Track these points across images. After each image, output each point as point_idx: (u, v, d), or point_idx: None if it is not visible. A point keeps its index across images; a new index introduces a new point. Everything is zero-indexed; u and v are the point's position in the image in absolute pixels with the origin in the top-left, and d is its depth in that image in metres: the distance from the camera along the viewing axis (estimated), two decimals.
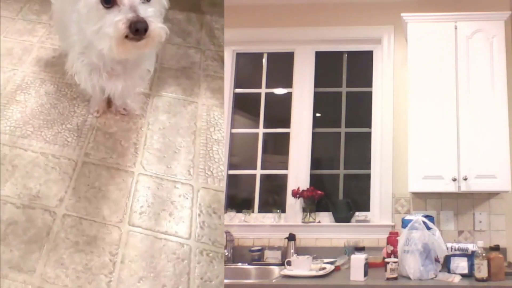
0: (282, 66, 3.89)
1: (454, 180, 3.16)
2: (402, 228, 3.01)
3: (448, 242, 3.00)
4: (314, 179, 3.67)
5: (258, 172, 3.77)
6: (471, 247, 2.91)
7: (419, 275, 2.84)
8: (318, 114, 3.78)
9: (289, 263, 3.04)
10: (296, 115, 3.76)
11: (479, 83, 3.24)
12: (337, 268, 3.11)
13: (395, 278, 2.81)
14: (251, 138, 3.84)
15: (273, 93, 3.91)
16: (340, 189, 3.68)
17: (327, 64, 3.85)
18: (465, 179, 3.16)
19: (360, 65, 3.81)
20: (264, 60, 3.94)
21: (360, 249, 2.95)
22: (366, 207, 3.60)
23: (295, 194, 3.57)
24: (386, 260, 2.86)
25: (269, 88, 3.91)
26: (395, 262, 2.83)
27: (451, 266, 2.93)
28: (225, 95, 3.75)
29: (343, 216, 3.54)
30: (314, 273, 2.91)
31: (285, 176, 3.71)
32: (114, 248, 2.63)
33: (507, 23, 3.33)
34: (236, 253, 3.50)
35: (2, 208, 2.73)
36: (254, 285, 3.00)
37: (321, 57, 3.83)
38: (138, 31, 2.31)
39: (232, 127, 3.83)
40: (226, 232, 3.39)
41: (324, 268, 2.98)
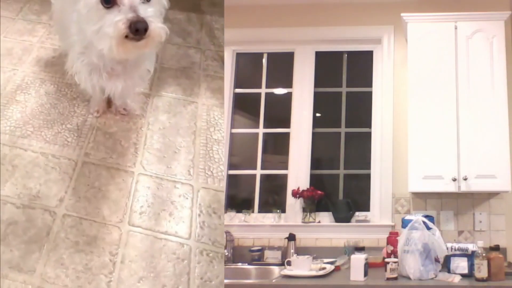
0: (282, 66, 3.88)
1: (454, 180, 3.16)
2: (402, 228, 3.01)
3: (448, 242, 2.99)
4: (314, 179, 3.66)
5: (258, 172, 3.77)
6: (471, 247, 2.90)
7: (419, 275, 2.83)
8: (318, 114, 3.77)
9: (289, 263, 3.03)
10: (296, 115, 3.76)
11: (479, 83, 3.24)
12: (337, 268, 3.11)
13: (395, 278, 2.80)
14: (251, 138, 3.84)
15: (273, 93, 3.91)
16: (340, 189, 3.67)
17: (327, 64, 3.84)
18: (465, 179, 3.15)
19: (360, 65, 3.81)
20: (264, 60, 3.93)
21: (360, 249, 2.95)
22: (366, 207, 3.60)
23: (295, 194, 3.57)
24: (386, 260, 2.85)
25: (269, 88, 3.90)
26: (395, 262, 2.83)
27: (451, 266, 2.92)
28: (225, 95, 3.75)
29: (343, 216, 3.53)
30: (314, 273, 2.91)
31: (285, 176, 3.70)
32: (114, 248, 2.63)
33: (507, 23, 3.33)
34: (236, 253, 3.50)
35: (2, 208, 2.73)
36: (254, 285, 3.00)
37: (321, 57, 3.83)
38: (138, 31, 2.31)
39: (232, 127, 3.82)
40: (226, 232, 3.39)
41: (324, 268, 2.98)
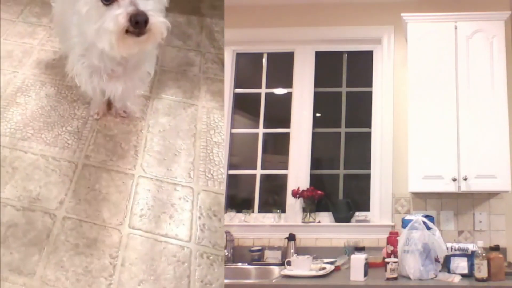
0: (282, 66, 3.88)
1: (454, 180, 3.16)
2: (402, 228, 3.01)
3: (448, 242, 2.99)
4: (314, 179, 3.66)
5: (258, 172, 3.77)
6: (471, 247, 2.91)
7: (419, 275, 2.84)
8: (318, 114, 3.77)
9: (289, 263, 3.04)
10: (296, 115, 3.75)
11: (479, 83, 3.23)
12: (337, 268, 3.11)
13: (395, 278, 2.81)
14: (251, 138, 3.84)
15: (273, 93, 3.90)
16: (340, 189, 3.67)
17: (327, 64, 3.84)
18: (465, 179, 3.15)
19: (360, 65, 3.80)
20: (264, 60, 3.93)
21: (360, 249, 2.95)
22: (366, 207, 3.60)
23: (295, 194, 3.57)
24: (386, 260, 2.86)
25: (269, 88, 3.90)
26: (395, 262, 2.83)
27: (451, 266, 2.93)
28: (225, 95, 3.76)
29: (343, 216, 3.53)
30: (314, 273, 2.91)
31: (285, 176, 3.70)
32: (114, 251, 2.63)
33: (507, 23, 3.33)
34: (236, 253, 3.50)
35: (2, 211, 2.74)
36: (254, 285, 3.01)
37: (321, 57, 3.82)
38: (139, 24, 2.30)
39: (232, 127, 3.82)
40: (226, 232, 3.39)
41: (324, 268, 2.98)
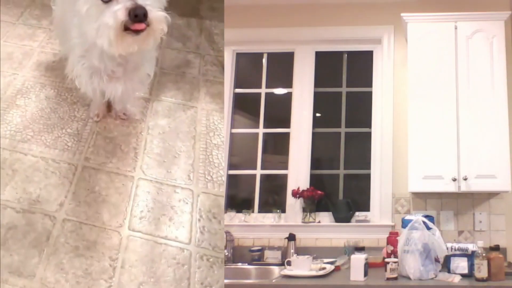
0: (282, 66, 3.88)
1: (454, 180, 3.16)
2: (402, 228, 3.01)
3: (448, 242, 2.99)
4: (314, 179, 3.66)
5: (258, 172, 3.77)
6: (471, 247, 2.91)
7: (419, 275, 2.84)
8: (318, 114, 3.77)
9: (289, 263, 3.04)
10: (296, 115, 3.75)
11: (479, 83, 3.23)
12: (337, 268, 3.11)
13: (395, 278, 2.81)
14: (251, 138, 3.84)
15: (273, 93, 3.90)
16: (340, 189, 3.67)
17: (327, 64, 3.83)
18: (465, 179, 3.15)
19: (360, 65, 3.80)
20: (264, 60, 3.93)
21: (360, 249, 2.95)
22: (366, 207, 3.60)
23: (295, 194, 3.57)
24: (386, 260, 2.86)
25: (269, 88, 3.90)
26: (395, 262, 2.84)
27: (451, 266, 2.93)
28: (225, 95, 3.76)
29: (343, 216, 3.53)
30: (314, 273, 2.91)
31: (285, 176, 3.70)
32: (114, 253, 2.64)
33: (507, 23, 3.32)
34: (236, 253, 3.51)
35: (2, 213, 2.74)
36: (254, 285, 3.01)
37: (321, 57, 3.82)
38: (138, 17, 2.31)
39: (232, 127, 3.82)
40: (226, 232, 3.40)
41: (324, 268, 2.98)
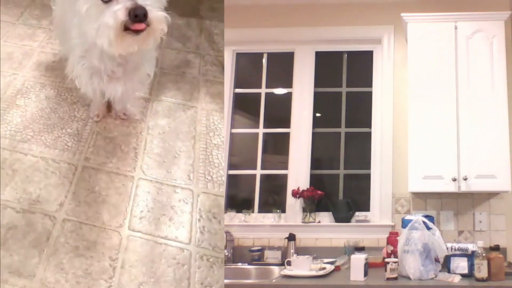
0: (282, 66, 3.87)
1: (454, 180, 3.16)
2: (402, 228, 3.01)
3: (448, 242, 2.99)
4: (314, 179, 3.66)
5: (258, 172, 3.76)
6: (471, 247, 2.91)
7: (419, 275, 2.84)
8: (318, 114, 3.77)
9: (289, 263, 3.04)
10: (296, 115, 3.75)
11: (479, 83, 3.23)
12: (337, 268, 3.11)
13: (395, 278, 2.81)
14: (251, 138, 3.83)
15: (273, 93, 3.90)
16: (340, 189, 3.67)
17: (327, 64, 3.83)
18: (465, 179, 3.15)
19: (360, 65, 3.79)
20: (264, 60, 3.92)
21: (360, 249, 2.95)
22: (366, 207, 3.59)
23: (295, 194, 3.57)
24: (386, 260, 2.86)
25: (269, 88, 3.89)
26: (395, 262, 2.84)
27: (451, 266, 2.93)
28: (225, 95, 3.76)
29: (343, 216, 3.53)
30: (314, 273, 2.91)
31: (285, 176, 3.70)
32: (114, 253, 2.64)
33: (507, 23, 3.32)
34: (236, 253, 3.50)
35: (2, 213, 2.74)
36: (254, 285, 3.01)
37: (321, 57, 3.81)
38: (138, 17, 2.31)
39: (232, 127, 3.82)
40: (226, 232, 3.39)
41: (324, 268, 2.98)
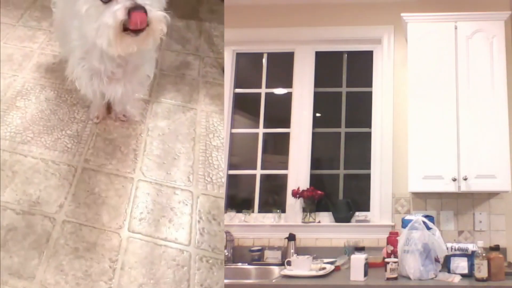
0: (282, 66, 3.87)
1: (454, 180, 3.15)
2: (402, 228, 3.01)
3: (448, 242, 2.99)
4: (314, 179, 3.65)
5: (258, 172, 3.76)
6: (471, 247, 2.90)
7: (419, 275, 2.84)
8: (318, 114, 3.76)
9: (289, 263, 3.04)
10: (296, 115, 3.75)
11: (479, 83, 3.22)
12: (337, 268, 3.11)
13: (395, 278, 2.81)
14: (251, 138, 3.83)
15: (273, 93, 3.89)
16: (340, 189, 3.67)
17: (327, 64, 3.82)
18: (465, 179, 3.15)
19: (360, 65, 3.79)
20: (264, 60, 3.92)
21: (360, 249, 2.95)
22: (366, 207, 3.59)
23: (295, 194, 3.56)
24: (386, 260, 2.86)
25: (269, 88, 3.89)
26: (395, 262, 2.84)
27: (451, 266, 2.93)
28: (225, 95, 3.76)
29: (343, 216, 3.53)
30: (314, 273, 2.91)
31: (285, 176, 3.69)
32: (114, 255, 2.65)
33: (507, 23, 3.31)
34: (236, 253, 3.50)
35: (2, 214, 2.75)
36: (254, 285, 3.00)
37: (321, 57, 3.81)
38: (137, 8, 2.31)
39: (232, 127, 3.81)
40: (226, 232, 3.39)
41: (324, 268, 2.98)
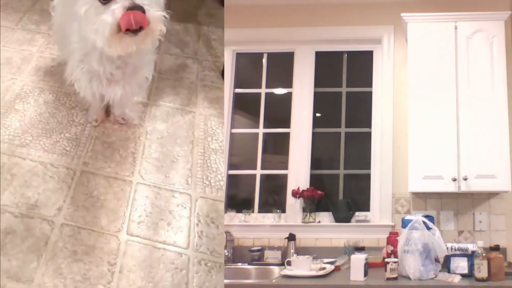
0: (282, 66, 3.86)
1: (454, 180, 3.15)
2: (402, 228, 3.01)
3: (448, 242, 2.99)
4: (314, 179, 3.65)
5: (258, 172, 3.76)
6: (471, 247, 2.90)
7: (419, 275, 2.84)
8: (318, 114, 3.76)
9: (289, 263, 3.04)
10: (296, 115, 3.74)
11: (479, 83, 3.22)
12: (337, 268, 3.11)
13: (395, 278, 2.81)
14: (251, 138, 3.83)
15: (273, 93, 3.88)
16: (340, 189, 3.66)
17: (327, 64, 3.81)
18: (465, 179, 3.14)
19: (360, 65, 3.78)
20: (264, 60, 3.91)
21: (360, 249, 2.95)
22: (366, 207, 3.59)
23: (295, 194, 3.56)
24: (386, 260, 2.86)
25: (269, 88, 3.88)
26: (395, 262, 2.84)
27: (451, 266, 2.93)
28: (225, 95, 3.76)
29: (343, 216, 3.53)
30: (314, 273, 2.91)
31: (285, 176, 3.69)
32: (113, 258, 2.65)
33: (507, 23, 3.30)
34: (236, 253, 3.51)
35: (1, 217, 2.75)
36: (254, 285, 3.01)
37: (321, 57, 3.80)
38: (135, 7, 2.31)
39: (232, 127, 3.81)
40: (226, 232, 3.39)
41: (324, 268, 2.98)
